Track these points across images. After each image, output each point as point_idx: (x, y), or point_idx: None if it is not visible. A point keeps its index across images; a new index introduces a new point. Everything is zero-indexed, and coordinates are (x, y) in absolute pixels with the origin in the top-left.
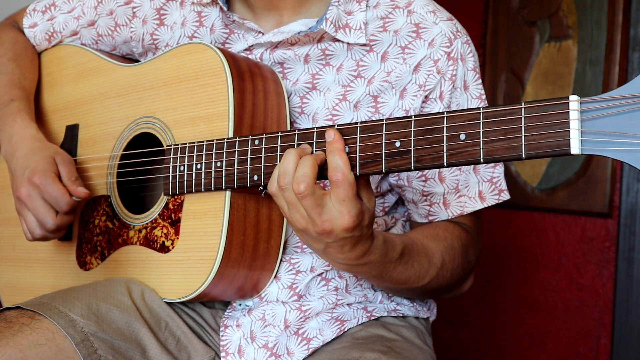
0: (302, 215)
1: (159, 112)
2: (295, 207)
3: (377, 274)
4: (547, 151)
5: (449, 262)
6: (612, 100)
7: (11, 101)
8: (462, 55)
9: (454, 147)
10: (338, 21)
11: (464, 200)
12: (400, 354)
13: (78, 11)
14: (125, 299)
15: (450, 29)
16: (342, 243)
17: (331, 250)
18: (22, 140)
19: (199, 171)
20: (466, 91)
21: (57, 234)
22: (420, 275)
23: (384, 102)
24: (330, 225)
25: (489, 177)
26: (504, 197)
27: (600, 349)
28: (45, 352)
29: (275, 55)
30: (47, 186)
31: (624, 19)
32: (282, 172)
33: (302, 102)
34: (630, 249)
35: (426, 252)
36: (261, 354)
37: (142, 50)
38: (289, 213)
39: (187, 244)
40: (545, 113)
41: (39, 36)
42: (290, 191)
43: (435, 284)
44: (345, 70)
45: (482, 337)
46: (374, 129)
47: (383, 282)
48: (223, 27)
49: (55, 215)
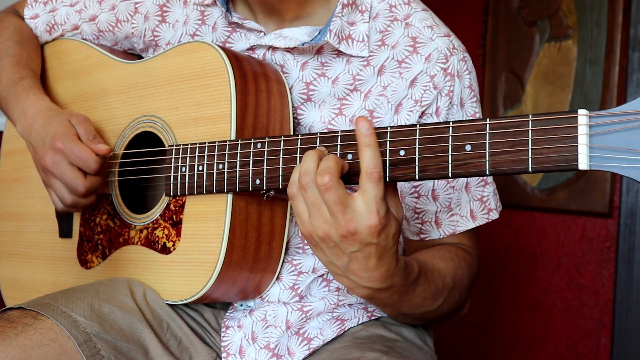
0: (324, 217)
1: (161, 111)
2: (317, 207)
3: (397, 299)
4: (554, 165)
5: (458, 282)
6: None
7: (21, 79)
8: (459, 72)
9: (459, 157)
10: (341, 32)
11: (456, 219)
12: (401, 354)
13: (80, 5)
14: (128, 299)
15: (447, 45)
16: (367, 253)
17: (355, 267)
18: (37, 113)
19: (201, 173)
20: (462, 108)
21: (88, 198)
22: (436, 296)
23: (380, 117)
24: (355, 225)
25: (479, 195)
26: (493, 217)
27: (600, 349)
28: (48, 353)
29: (277, 57)
30: (71, 149)
31: (624, 19)
32: (303, 172)
33: (297, 114)
34: (630, 249)
35: (439, 272)
36: (262, 355)
37: (144, 46)
38: (309, 219)
39: (189, 246)
40: (553, 127)
41: (40, 27)
42: (313, 189)
43: (447, 306)
44: (342, 83)
45: (482, 337)
46: (378, 137)
47: (401, 307)
48: (225, 26)
49: (84, 177)
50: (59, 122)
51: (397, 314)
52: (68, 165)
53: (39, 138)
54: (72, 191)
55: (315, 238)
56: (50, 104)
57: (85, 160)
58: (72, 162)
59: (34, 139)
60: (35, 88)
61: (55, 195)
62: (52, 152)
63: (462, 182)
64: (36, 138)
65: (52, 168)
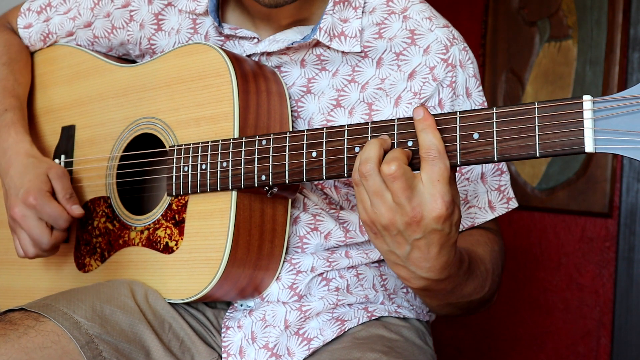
0: (387, 205)
1: (160, 113)
2: (380, 195)
3: (451, 290)
4: (561, 149)
5: (496, 266)
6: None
7: (5, 112)
8: (461, 62)
9: (467, 146)
10: (333, 30)
11: (474, 211)
12: (401, 354)
13: (74, 12)
14: (129, 300)
15: (447, 35)
16: (430, 241)
17: (416, 256)
18: (15, 155)
19: (204, 171)
20: (469, 98)
21: (51, 252)
22: (483, 284)
23: (378, 110)
24: (421, 211)
25: (496, 185)
26: (512, 205)
27: (600, 349)
28: (50, 355)
29: (272, 60)
30: (43, 206)
31: (624, 19)
32: (364, 160)
33: (297, 106)
34: (630, 249)
35: (481, 259)
36: (261, 355)
37: (139, 53)
38: (371, 207)
39: (192, 245)
40: (558, 113)
41: (33, 37)
42: (374, 177)
43: (489, 293)
44: (341, 75)
45: (482, 337)
46: (385, 129)
47: (450, 297)
48: (217, 35)
49: (51, 235)
50: (35, 176)
51: (444, 304)
52: (37, 220)
53: (12, 186)
54: (36, 245)
55: (377, 226)
56: (30, 147)
57: (56, 219)
58: (42, 217)
59: (8, 184)
60: (18, 124)
61: (19, 245)
62: (23, 205)
63: (476, 173)
64: (10, 185)
65: (20, 220)
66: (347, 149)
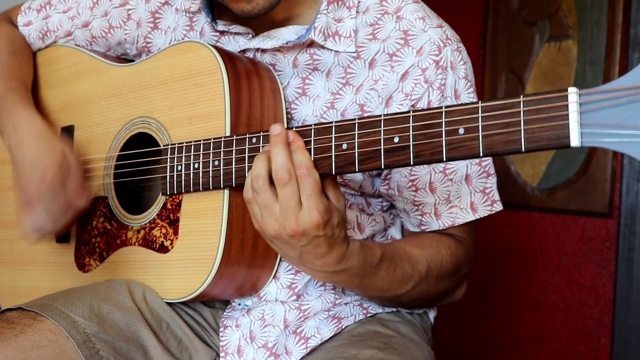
0: (274, 217)
1: (155, 112)
2: (269, 209)
3: (358, 281)
4: (546, 144)
5: (435, 268)
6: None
7: (11, 91)
8: (452, 63)
9: (453, 141)
10: (327, 29)
11: (455, 211)
12: (397, 350)
13: (73, 11)
14: (127, 299)
15: (440, 36)
16: (316, 243)
17: (308, 257)
18: (29, 136)
19: (197, 170)
20: (457, 100)
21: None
22: (403, 280)
23: (370, 111)
24: (301, 223)
25: (481, 187)
26: (496, 208)
27: (600, 349)
28: (47, 354)
29: (266, 57)
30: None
31: (624, 19)
32: (254, 176)
33: (290, 108)
34: (630, 249)
35: (409, 258)
36: (260, 354)
37: (136, 52)
38: (261, 219)
39: (187, 244)
40: (544, 106)
41: (33, 35)
42: (265, 192)
43: (420, 291)
44: (334, 77)
45: (482, 337)
46: (372, 125)
47: (366, 290)
48: (212, 31)
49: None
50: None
51: (369, 296)
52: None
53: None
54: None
55: (268, 236)
56: (42, 126)
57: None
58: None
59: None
60: (27, 102)
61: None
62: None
63: (460, 174)
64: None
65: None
66: (334, 146)
